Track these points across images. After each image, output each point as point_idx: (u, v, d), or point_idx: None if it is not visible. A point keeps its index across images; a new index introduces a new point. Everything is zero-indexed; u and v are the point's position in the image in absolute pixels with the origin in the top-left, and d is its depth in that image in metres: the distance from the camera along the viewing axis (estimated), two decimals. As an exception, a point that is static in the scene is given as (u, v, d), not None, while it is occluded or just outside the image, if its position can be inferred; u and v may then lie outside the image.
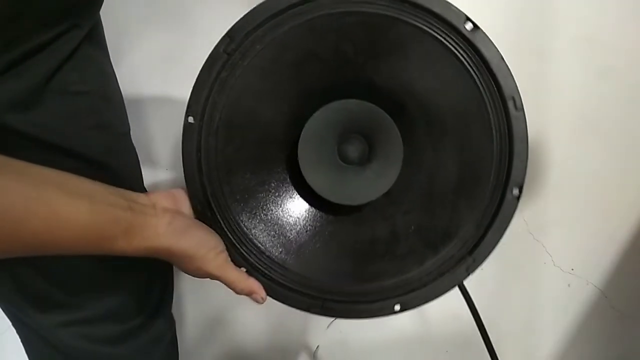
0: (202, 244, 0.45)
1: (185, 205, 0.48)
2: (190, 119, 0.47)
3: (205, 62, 0.46)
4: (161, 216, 0.43)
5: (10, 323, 0.56)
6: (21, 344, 0.57)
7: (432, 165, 0.49)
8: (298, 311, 0.48)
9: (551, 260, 0.90)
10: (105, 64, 0.53)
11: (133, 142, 0.58)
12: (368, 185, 0.48)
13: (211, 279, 0.46)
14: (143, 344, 0.58)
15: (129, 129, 0.56)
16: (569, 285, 0.91)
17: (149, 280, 0.59)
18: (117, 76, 0.56)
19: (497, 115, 0.47)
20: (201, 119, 0.46)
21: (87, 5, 0.47)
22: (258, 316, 0.93)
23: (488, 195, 0.47)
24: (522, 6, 0.84)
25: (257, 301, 0.47)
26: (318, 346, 0.93)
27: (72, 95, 0.47)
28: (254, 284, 0.47)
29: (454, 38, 0.45)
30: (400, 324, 0.93)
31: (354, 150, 0.49)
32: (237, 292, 0.47)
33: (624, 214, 0.89)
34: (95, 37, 0.50)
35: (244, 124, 0.48)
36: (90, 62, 0.49)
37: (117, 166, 0.51)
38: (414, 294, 0.48)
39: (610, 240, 0.90)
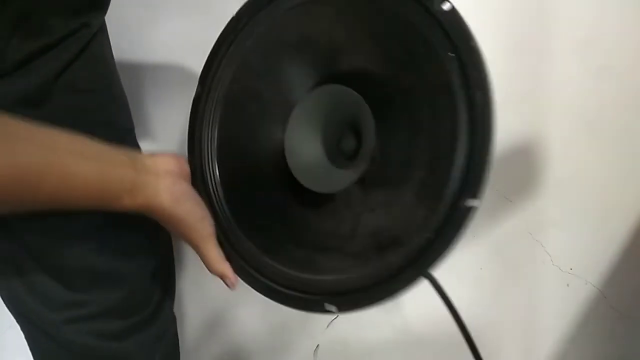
0: (193, 213, 0.48)
1: (185, 171, 0.51)
2: (198, 88, 0.50)
3: (216, 41, 0.50)
4: (162, 177, 0.47)
5: (10, 323, 0.56)
6: (24, 342, 0.57)
7: (401, 162, 0.47)
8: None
9: (550, 259, 0.90)
10: (111, 63, 0.55)
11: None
12: (341, 177, 0.48)
13: (192, 247, 0.49)
14: (147, 339, 0.59)
15: (134, 127, 0.57)
16: (567, 285, 0.91)
17: (152, 276, 0.60)
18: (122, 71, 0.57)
19: (465, 105, 0.43)
20: (207, 91, 0.50)
21: (98, 3, 0.48)
22: (258, 316, 0.93)
23: (447, 202, 0.42)
24: (522, 6, 0.84)
25: (227, 286, 0.49)
26: (318, 346, 0.93)
27: (81, 92, 0.48)
28: (228, 269, 0.49)
29: (424, 16, 0.42)
30: (401, 324, 0.93)
31: (350, 146, 0.50)
32: (211, 271, 0.49)
33: (623, 214, 0.89)
34: (102, 36, 0.52)
35: (245, 100, 0.50)
36: (98, 61, 0.51)
37: None
38: (348, 297, 0.46)
39: (609, 240, 0.90)
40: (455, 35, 0.41)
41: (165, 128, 0.90)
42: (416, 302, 0.92)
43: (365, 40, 0.46)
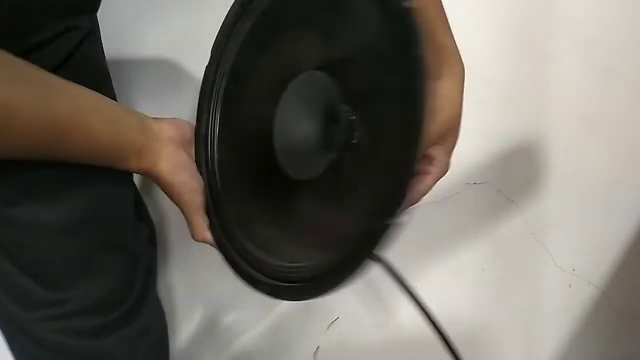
0: (186, 184, 0.51)
1: (188, 137, 0.54)
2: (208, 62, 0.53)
3: (227, 14, 0.51)
4: (165, 145, 0.50)
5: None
6: (5, 341, 0.57)
7: (364, 156, 0.43)
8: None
9: (552, 260, 0.90)
10: (103, 65, 0.54)
11: None
12: (316, 165, 0.46)
13: (181, 212, 0.52)
14: (128, 335, 0.58)
15: None
16: (570, 285, 0.90)
17: (131, 272, 0.59)
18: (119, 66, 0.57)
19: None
20: (215, 61, 0.52)
21: (88, 5, 0.47)
22: (258, 316, 0.93)
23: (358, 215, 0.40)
24: (522, 6, 0.84)
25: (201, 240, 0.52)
26: (318, 347, 0.93)
27: None
28: (210, 239, 0.52)
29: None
30: (401, 324, 0.93)
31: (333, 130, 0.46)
32: (194, 238, 0.52)
33: (625, 215, 0.88)
34: (93, 37, 0.51)
35: (249, 75, 0.51)
36: (88, 63, 0.50)
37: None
38: (290, 287, 0.44)
39: (611, 241, 0.89)
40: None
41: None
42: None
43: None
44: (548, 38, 0.84)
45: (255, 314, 0.93)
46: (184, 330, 0.94)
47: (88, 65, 0.50)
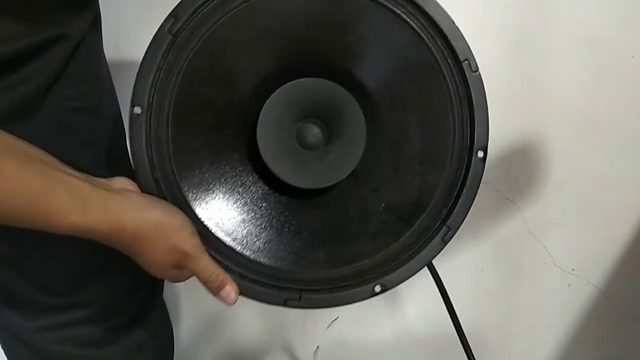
0: (176, 216, 0.40)
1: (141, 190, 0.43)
2: (137, 109, 0.42)
3: (149, 45, 0.42)
4: (124, 192, 0.39)
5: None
6: (1, 348, 0.55)
7: (395, 139, 0.48)
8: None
9: (552, 260, 0.90)
10: (101, 75, 0.52)
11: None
12: (332, 167, 0.47)
13: (181, 264, 0.40)
14: (128, 346, 0.56)
15: (125, 140, 0.55)
16: (569, 285, 0.90)
17: (135, 280, 0.56)
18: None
19: (454, 80, 0.46)
20: (149, 109, 0.42)
21: (71, 13, 0.45)
22: (258, 316, 0.93)
23: (455, 161, 0.46)
24: (522, 6, 0.84)
25: (228, 298, 0.42)
26: (318, 346, 0.93)
27: (67, 111, 0.46)
28: (228, 277, 0.42)
29: (404, 6, 0.44)
30: (400, 325, 0.93)
31: (311, 136, 0.47)
32: (207, 281, 0.41)
33: (624, 214, 0.88)
34: (90, 47, 0.49)
35: (197, 111, 0.44)
36: (87, 77, 0.47)
37: (108, 177, 0.50)
38: (394, 272, 0.46)
39: (611, 241, 0.89)
40: (437, 17, 0.44)
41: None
42: (416, 303, 0.92)
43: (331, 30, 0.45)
44: (548, 38, 0.84)
45: (255, 313, 0.93)
46: (184, 330, 0.94)
47: (87, 80, 0.48)
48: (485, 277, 0.91)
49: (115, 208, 0.37)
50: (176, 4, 0.42)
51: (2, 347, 0.55)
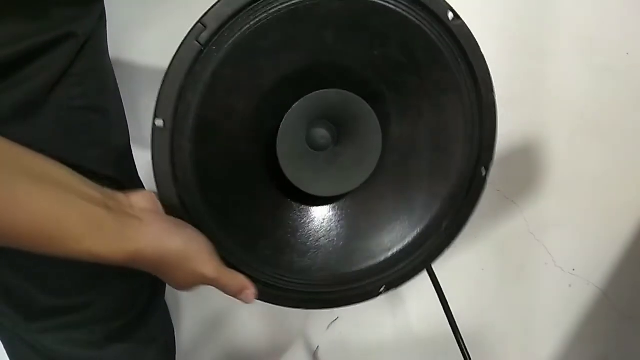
0: (194, 241, 0.40)
1: (159, 206, 0.42)
2: (160, 122, 0.41)
3: (177, 55, 0.41)
4: (143, 216, 0.37)
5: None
6: (3, 349, 0.55)
7: (407, 150, 0.50)
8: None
9: (552, 260, 0.90)
10: (106, 74, 0.52)
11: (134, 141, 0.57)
12: (348, 174, 0.48)
13: (203, 284, 0.41)
14: (131, 347, 0.56)
15: (128, 138, 0.55)
16: (570, 285, 0.90)
17: (138, 282, 0.57)
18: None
19: (470, 102, 0.49)
20: (173, 122, 0.41)
21: (80, 12, 0.45)
22: (258, 316, 0.93)
23: (461, 177, 0.50)
24: (522, 6, 0.84)
25: (247, 299, 0.43)
26: (318, 347, 0.93)
27: (72, 110, 0.46)
28: (244, 280, 0.43)
29: (436, 27, 0.46)
30: (400, 326, 0.93)
31: (320, 137, 0.48)
32: (230, 293, 0.42)
33: (625, 214, 0.88)
34: (96, 45, 0.49)
35: (219, 121, 0.44)
36: (92, 75, 0.47)
37: (113, 175, 0.50)
38: (399, 273, 0.50)
39: (611, 241, 0.89)
40: (466, 44, 0.47)
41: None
42: (415, 304, 0.92)
43: (356, 44, 0.46)
44: (548, 38, 0.84)
45: (255, 313, 0.93)
46: (184, 330, 0.94)
47: (92, 78, 0.48)
48: (485, 277, 0.91)
49: (133, 236, 0.35)
50: (205, 10, 0.41)
51: (5, 348, 0.55)
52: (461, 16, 0.47)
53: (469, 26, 0.47)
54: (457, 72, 0.47)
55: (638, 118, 0.86)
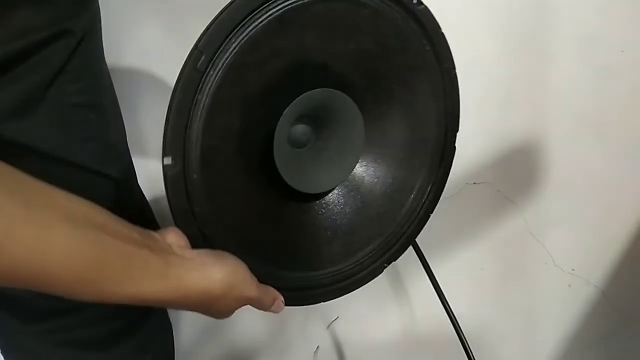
0: (235, 267, 0.40)
1: (187, 240, 0.43)
2: (170, 160, 0.40)
3: (180, 86, 0.40)
4: (183, 252, 0.38)
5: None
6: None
7: (386, 132, 0.52)
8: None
9: (552, 260, 0.90)
10: (102, 71, 0.52)
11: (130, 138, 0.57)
12: (337, 169, 0.50)
13: (246, 304, 0.42)
14: (130, 349, 0.56)
15: (125, 135, 0.55)
16: (569, 285, 0.90)
17: None
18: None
19: (437, 79, 0.52)
20: (182, 157, 0.40)
21: (77, 8, 0.45)
22: (258, 316, 0.93)
23: (436, 147, 0.54)
24: (522, 6, 0.84)
25: (279, 309, 0.46)
26: (318, 346, 0.93)
27: (69, 107, 0.46)
28: (274, 291, 0.46)
29: (402, 13, 0.48)
30: (401, 324, 0.93)
31: (301, 131, 0.50)
32: (266, 307, 0.45)
33: (624, 215, 0.89)
34: (92, 42, 0.49)
35: (218, 146, 0.43)
36: (88, 72, 0.48)
37: (109, 173, 0.50)
38: (396, 247, 0.54)
39: (610, 241, 0.90)
40: (429, 26, 0.50)
41: (158, 135, 0.90)
42: (415, 304, 0.92)
43: (334, 39, 0.47)
44: (548, 38, 0.84)
45: (255, 313, 0.93)
46: (184, 330, 0.94)
47: (88, 75, 0.48)
48: (485, 277, 0.91)
49: (178, 273, 0.35)
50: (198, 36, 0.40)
51: (2, 353, 0.55)
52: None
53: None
54: (423, 53, 0.50)
55: (638, 118, 0.86)
